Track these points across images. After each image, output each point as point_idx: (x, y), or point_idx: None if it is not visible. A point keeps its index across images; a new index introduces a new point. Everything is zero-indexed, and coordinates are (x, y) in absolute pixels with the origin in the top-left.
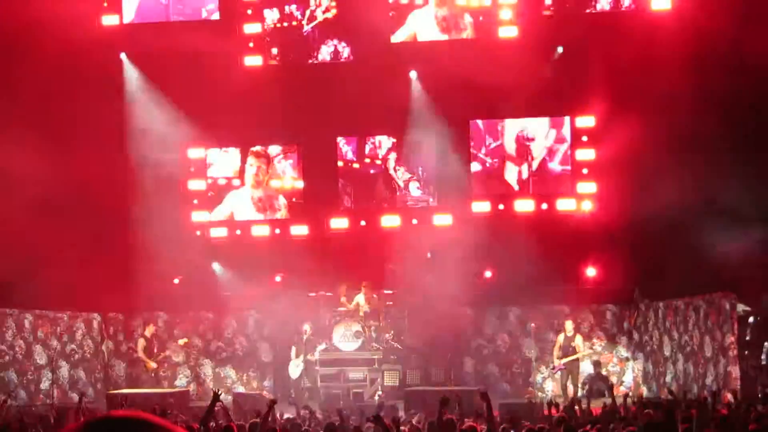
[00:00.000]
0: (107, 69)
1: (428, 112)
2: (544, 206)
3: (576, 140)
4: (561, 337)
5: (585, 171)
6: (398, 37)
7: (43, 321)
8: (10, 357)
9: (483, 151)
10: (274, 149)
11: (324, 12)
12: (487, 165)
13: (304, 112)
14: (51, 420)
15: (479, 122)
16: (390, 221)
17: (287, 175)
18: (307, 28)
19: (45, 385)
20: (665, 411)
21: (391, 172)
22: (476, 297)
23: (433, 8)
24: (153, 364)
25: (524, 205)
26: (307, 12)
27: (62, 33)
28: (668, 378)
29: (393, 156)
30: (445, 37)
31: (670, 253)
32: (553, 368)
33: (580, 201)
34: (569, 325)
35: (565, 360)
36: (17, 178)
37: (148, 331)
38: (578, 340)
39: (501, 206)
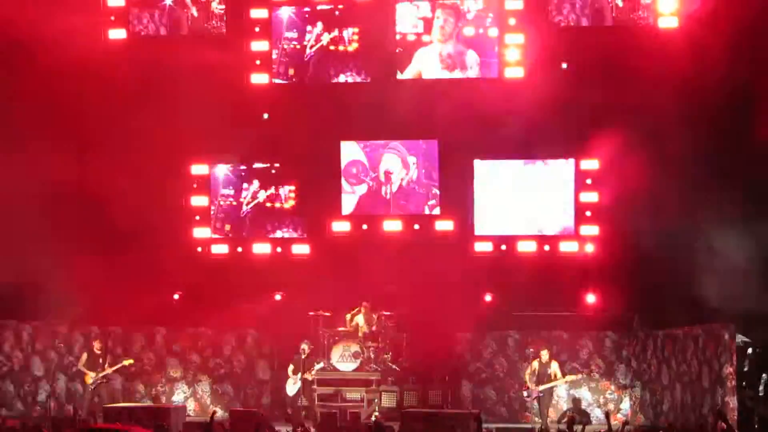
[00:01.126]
0: (113, 83)
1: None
2: (547, 248)
3: (580, 183)
4: (535, 364)
5: (588, 213)
6: (405, 74)
7: (42, 333)
8: (8, 368)
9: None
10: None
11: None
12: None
13: (309, 130)
14: None
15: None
16: (391, 226)
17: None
18: (309, 51)
19: (42, 397)
20: None
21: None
22: (475, 320)
23: (438, 46)
24: (90, 379)
25: (526, 246)
26: (312, 36)
27: (68, 47)
28: (665, 407)
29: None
30: (449, 75)
31: (670, 282)
32: (528, 396)
33: (583, 244)
34: (545, 353)
35: (542, 387)
36: (18, 189)
37: (96, 345)
38: (554, 366)
39: (503, 247)
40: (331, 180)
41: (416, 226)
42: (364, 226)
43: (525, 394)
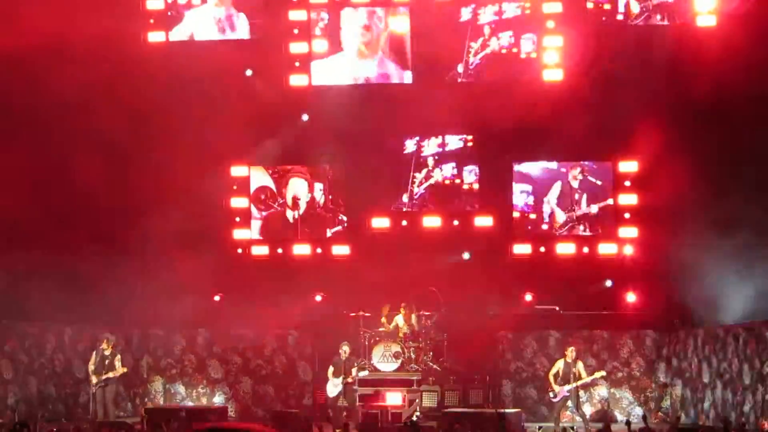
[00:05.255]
0: (152, 86)
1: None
2: (586, 250)
3: (619, 185)
4: (561, 363)
5: (627, 216)
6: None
7: (83, 335)
8: (50, 371)
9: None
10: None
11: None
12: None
13: (350, 130)
14: None
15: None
16: (431, 222)
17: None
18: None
19: (83, 399)
20: None
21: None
22: (516, 320)
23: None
24: (93, 380)
25: (565, 248)
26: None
27: (107, 50)
28: (706, 405)
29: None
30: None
31: (711, 280)
32: (554, 395)
33: (622, 246)
34: (571, 351)
35: (568, 387)
36: (59, 192)
37: (104, 346)
38: (579, 366)
39: (542, 249)
40: (372, 177)
41: (455, 222)
42: (404, 222)
43: (551, 395)
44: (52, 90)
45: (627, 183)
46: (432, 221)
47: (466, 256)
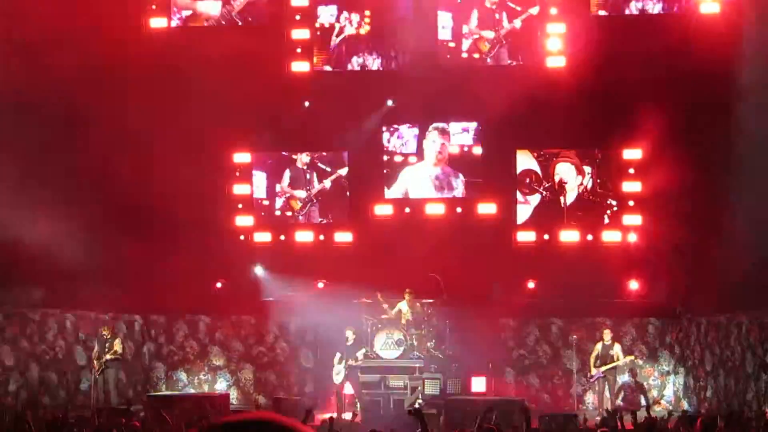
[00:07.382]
0: (155, 72)
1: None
2: (590, 237)
3: (623, 173)
4: (599, 346)
5: (631, 203)
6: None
7: (85, 322)
8: (51, 357)
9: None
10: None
11: (357, 27)
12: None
13: (350, 117)
14: (95, 421)
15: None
16: (434, 209)
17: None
18: (335, 40)
19: (85, 386)
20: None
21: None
22: (518, 307)
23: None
24: (96, 365)
25: (569, 236)
26: (337, 25)
27: (110, 36)
28: (709, 393)
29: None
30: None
31: (713, 268)
32: (591, 377)
33: (626, 233)
34: (607, 333)
35: (604, 368)
36: (59, 178)
37: (105, 331)
38: (617, 348)
39: (546, 236)
40: (374, 165)
41: (458, 209)
42: (407, 209)
43: (589, 375)
44: (55, 77)
45: (631, 171)
46: (435, 208)
47: None
